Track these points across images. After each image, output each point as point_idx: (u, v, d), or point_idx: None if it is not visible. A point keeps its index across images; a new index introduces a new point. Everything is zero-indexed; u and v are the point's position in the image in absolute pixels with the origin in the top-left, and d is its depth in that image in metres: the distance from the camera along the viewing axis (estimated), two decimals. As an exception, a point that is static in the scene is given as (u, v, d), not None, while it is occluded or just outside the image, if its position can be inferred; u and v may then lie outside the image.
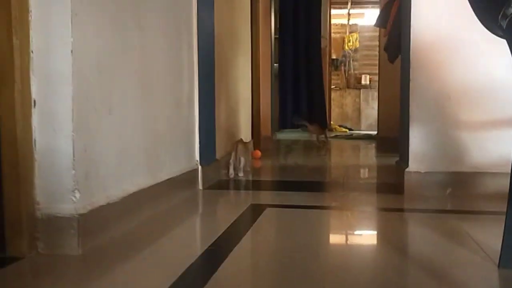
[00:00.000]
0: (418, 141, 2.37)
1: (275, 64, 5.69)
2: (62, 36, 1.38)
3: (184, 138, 2.38)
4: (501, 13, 1.12)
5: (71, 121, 1.40)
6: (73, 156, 1.41)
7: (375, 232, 1.83)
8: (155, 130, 2.02)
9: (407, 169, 2.37)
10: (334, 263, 1.39)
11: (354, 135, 6.48)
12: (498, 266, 1.29)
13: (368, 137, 6.09)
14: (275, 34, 5.62)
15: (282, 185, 2.83)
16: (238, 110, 3.56)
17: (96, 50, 1.53)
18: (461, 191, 2.30)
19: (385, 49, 3.64)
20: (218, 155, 2.89)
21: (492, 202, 2.18)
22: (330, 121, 7.85)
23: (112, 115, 1.63)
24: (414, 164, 2.37)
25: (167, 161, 2.14)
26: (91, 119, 1.50)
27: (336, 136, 6.44)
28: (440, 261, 1.41)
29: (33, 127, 1.41)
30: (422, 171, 2.35)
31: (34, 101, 1.41)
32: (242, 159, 2.93)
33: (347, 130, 7.61)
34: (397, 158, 2.76)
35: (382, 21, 3.66)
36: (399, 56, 2.85)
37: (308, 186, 2.73)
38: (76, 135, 1.42)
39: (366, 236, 1.80)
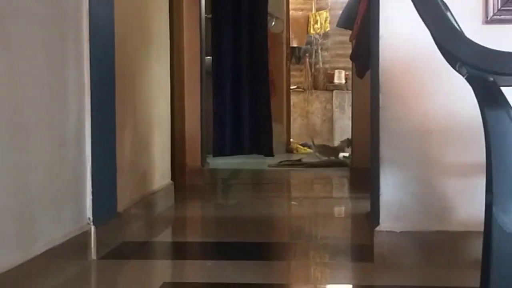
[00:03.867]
0: (391, 189, 2.54)
1: (207, 58, 5.77)
2: None
3: (70, 190, 2.50)
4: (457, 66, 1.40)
5: None
6: None
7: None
8: (27, 184, 2.12)
9: (377, 228, 2.55)
10: None
11: (320, 160, 6.70)
12: None
13: (340, 164, 6.37)
14: (206, 12, 5.73)
15: (215, 249, 3.01)
16: (152, 137, 3.70)
17: None
18: (449, 257, 2.49)
19: (352, 58, 3.91)
20: (122, 206, 3.01)
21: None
22: (289, 138, 8.09)
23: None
24: (387, 221, 2.54)
25: (46, 226, 2.25)
26: None
27: (292, 164, 6.58)
28: None
29: None
30: (398, 231, 2.53)
31: None
32: None
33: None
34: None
35: (346, 20, 3.85)
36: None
37: (251, 249, 2.95)
38: None
39: None
